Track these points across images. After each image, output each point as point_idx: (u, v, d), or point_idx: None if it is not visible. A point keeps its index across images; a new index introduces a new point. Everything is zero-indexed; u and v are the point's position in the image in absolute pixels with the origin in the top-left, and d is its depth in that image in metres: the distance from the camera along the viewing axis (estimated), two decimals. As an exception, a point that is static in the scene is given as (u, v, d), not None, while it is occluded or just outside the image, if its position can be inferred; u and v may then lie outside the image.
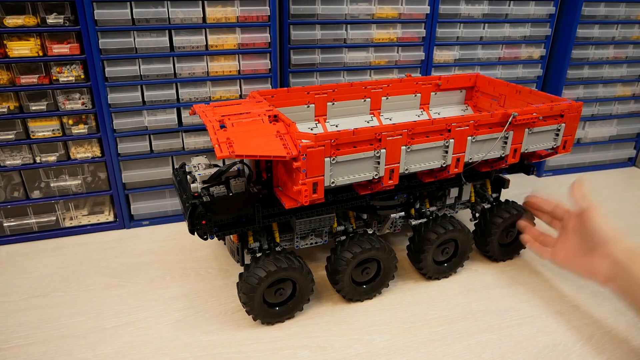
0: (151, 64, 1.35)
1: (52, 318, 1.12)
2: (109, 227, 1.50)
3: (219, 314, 1.13)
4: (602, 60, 1.83)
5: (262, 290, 1.04)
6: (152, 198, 1.52)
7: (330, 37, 1.52)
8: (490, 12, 1.65)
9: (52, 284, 1.24)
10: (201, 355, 1.02)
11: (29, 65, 1.28)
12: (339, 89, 1.35)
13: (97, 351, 1.02)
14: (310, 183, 0.96)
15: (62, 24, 1.25)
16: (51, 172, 1.42)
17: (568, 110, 1.20)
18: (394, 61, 1.62)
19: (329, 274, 1.16)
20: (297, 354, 1.02)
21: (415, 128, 1.04)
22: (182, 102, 1.41)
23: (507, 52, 1.73)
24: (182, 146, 1.47)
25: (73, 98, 1.34)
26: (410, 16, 1.56)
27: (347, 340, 1.06)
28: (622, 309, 1.15)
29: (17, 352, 1.02)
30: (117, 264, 1.32)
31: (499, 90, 1.43)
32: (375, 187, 1.08)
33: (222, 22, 1.37)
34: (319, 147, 0.94)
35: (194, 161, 1.15)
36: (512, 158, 1.19)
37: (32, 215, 1.43)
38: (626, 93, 1.92)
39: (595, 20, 1.75)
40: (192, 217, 0.99)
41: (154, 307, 1.16)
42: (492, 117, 1.11)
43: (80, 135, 1.37)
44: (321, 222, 1.14)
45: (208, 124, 0.98)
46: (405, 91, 1.44)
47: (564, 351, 1.03)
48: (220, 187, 1.04)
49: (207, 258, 1.35)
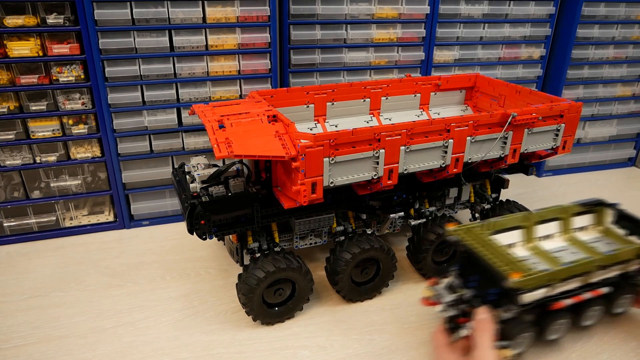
0: (151, 64, 1.35)
1: (52, 318, 1.12)
2: (109, 227, 1.51)
3: (219, 314, 1.14)
4: (602, 60, 1.83)
5: (261, 291, 1.04)
6: (152, 198, 1.52)
7: (330, 37, 1.52)
8: (490, 12, 1.65)
9: (52, 284, 1.24)
10: (201, 355, 1.02)
11: (29, 65, 1.28)
12: (338, 89, 1.35)
13: (97, 351, 1.02)
14: (309, 183, 0.96)
15: (62, 24, 1.25)
16: (51, 172, 1.42)
17: (568, 111, 1.20)
18: (394, 61, 1.62)
19: (329, 275, 1.16)
20: (297, 354, 1.02)
21: (415, 128, 1.04)
22: (182, 102, 1.41)
23: (507, 52, 1.73)
24: (182, 146, 1.47)
25: (73, 98, 1.34)
26: (410, 16, 1.56)
27: (347, 340, 1.06)
28: (621, 309, 1.16)
29: (17, 352, 1.02)
30: (117, 264, 1.33)
31: (498, 91, 1.43)
32: (374, 187, 1.08)
33: (222, 22, 1.37)
34: (318, 147, 0.94)
35: (193, 161, 1.15)
36: (512, 158, 1.19)
37: (32, 215, 1.43)
38: (626, 93, 1.92)
39: (595, 20, 1.74)
40: (191, 217, 0.99)
41: (154, 307, 1.16)
42: (492, 117, 1.11)
43: (80, 135, 1.38)
44: (320, 222, 1.14)
45: (207, 124, 0.98)
46: (405, 91, 1.44)
47: (564, 351, 1.03)
48: (219, 187, 1.04)
49: (207, 258, 1.35)
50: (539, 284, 0.87)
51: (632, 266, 1.00)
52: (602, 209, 1.11)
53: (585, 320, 1.02)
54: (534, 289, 0.86)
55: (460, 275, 0.98)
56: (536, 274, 0.86)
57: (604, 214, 1.11)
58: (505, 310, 0.89)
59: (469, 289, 0.94)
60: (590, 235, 1.10)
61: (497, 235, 1.01)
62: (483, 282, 0.92)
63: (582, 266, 0.91)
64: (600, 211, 1.11)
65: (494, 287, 0.89)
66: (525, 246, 1.04)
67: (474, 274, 0.94)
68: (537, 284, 0.86)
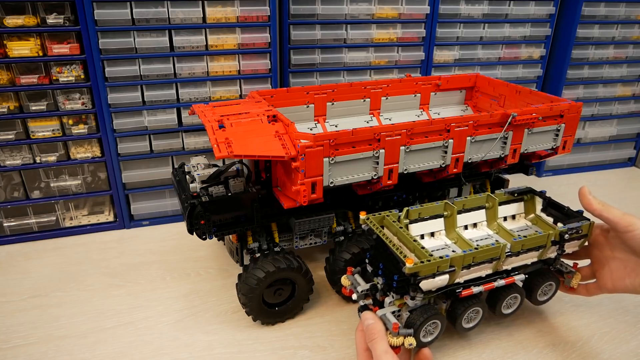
0: (151, 64, 1.35)
1: (52, 318, 1.12)
2: (109, 227, 1.51)
3: (219, 314, 1.14)
4: (602, 60, 1.83)
5: (261, 291, 1.04)
6: (152, 198, 1.52)
7: (330, 37, 1.52)
8: (490, 12, 1.65)
9: (52, 284, 1.24)
10: (201, 355, 1.02)
11: (29, 65, 1.28)
12: (338, 89, 1.35)
13: (97, 351, 1.02)
14: (309, 183, 0.96)
15: (62, 24, 1.25)
16: (51, 172, 1.42)
17: (568, 111, 1.20)
18: (394, 61, 1.62)
19: (328, 275, 1.16)
20: (297, 354, 1.02)
21: (414, 128, 1.04)
22: (182, 102, 1.41)
23: (507, 52, 1.73)
24: (182, 146, 1.47)
25: (73, 98, 1.34)
26: (410, 16, 1.56)
27: (347, 340, 1.06)
28: (622, 309, 1.16)
29: (17, 352, 1.02)
30: (117, 264, 1.33)
31: (498, 91, 1.43)
32: (374, 187, 1.08)
33: (222, 22, 1.37)
34: (318, 147, 0.94)
35: (193, 161, 1.15)
36: (512, 158, 1.19)
37: (32, 215, 1.43)
38: (626, 93, 1.92)
39: (595, 20, 1.74)
40: (191, 217, 0.99)
41: (154, 307, 1.16)
42: (492, 117, 1.11)
43: (80, 135, 1.38)
44: (320, 222, 1.14)
45: (207, 124, 0.98)
46: (405, 91, 1.44)
47: (564, 351, 1.03)
48: (219, 187, 1.04)
49: (207, 258, 1.35)
50: (437, 271, 0.84)
51: (550, 253, 0.99)
52: (533, 197, 1.10)
53: (505, 309, 1.00)
54: (434, 276, 0.84)
55: (371, 264, 0.97)
56: (430, 260, 0.83)
57: (534, 202, 1.10)
58: (411, 298, 0.88)
59: (379, 277, 0.94)
60: (519, 224, 1.09)
61: (415, 224, 0.99)
62: (388, 269, 0.91)
63: (485, 253, 0.89)
64: (531, 199, 1.10)
65: (396, 274, 0.88)
66: (448, 235, 1.02)
67: (380, 265, 0.93)
68: (434, 271, 0.84)
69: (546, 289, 1.04)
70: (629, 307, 1.16)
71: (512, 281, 0.97)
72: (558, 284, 1.04)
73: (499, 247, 0.90)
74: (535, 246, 0.95)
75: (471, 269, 0.89)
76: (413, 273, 0.83)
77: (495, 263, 0.92)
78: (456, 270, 0.86)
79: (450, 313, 0.95)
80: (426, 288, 0.86)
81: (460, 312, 0.93)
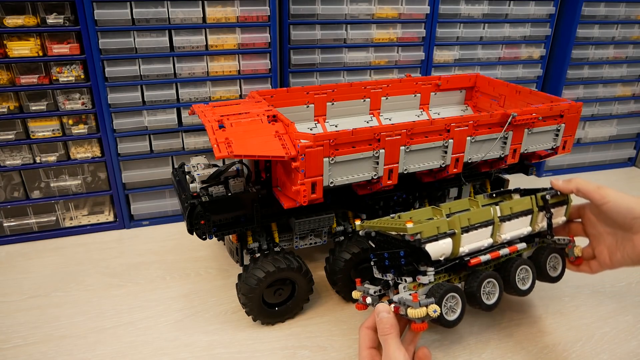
0: (151, 64, 1.35)
1: (52, 318, 1.12)
2: (109, 227, 1.51)
3: (219, 314, 1.14)
4: (602, 60, 1.83)
5: (261, 291, 1.04)
6: (152, 198, 1.52)
7: (330, 37, 1.52)
8: (490, 12, 1.65)
9: (52, 284, 1.24)
10: (201, 355, 1.02)
11: (29, 65, 1.28)
12: (338, 89, 1.35)
13: (97, 351, 1.02)
14: (309, 183, 0.96)
15: (62, 24, 1.25)
16: (51, 172, 1.42)
17: (568, 111, 1.20)
18: (394, 61, 1.62)
19: (328, 275, 1.16)
20: (297, 354, 1.02)
21: (414, 128, 1.04)
22: (182, 102, 1.41)
23: (507, 52, 1.73)
24: (182, 146, 1.47)
25: (73, 98, 1.34)
26: (410, 16, 1.56)
27: (347, 340, 1.06)
28: (622, 309, 1.16)
29: (17, 352, 1.02)
30: (117, 264, 1.33)
31: (498, 91, 1.43)
32: (374, 187, 1.08)
33: (222, 22, 1.37)
34: (318, 147, 0.94)
35: (193, 161, 1.15)
36: (512, 158, 1.19)
37: (32, 215, 1.43)
38: (626, 93, 1.92)
39: (595, 20, 1.74)
40: (191, 217, 0.99)
41: (154, 307, 1.16)
42: (492, 117, 1.11)
43: (80, 135, 1.38)
44: (320, 222, 1.14)
45: (207, 124, 0.98)
46: (405, 91, 1.45)
47: (564, 351, 1.03)
48: (219, 187, 1.04)
49: (207, 258, 1.35)
50: (438, 232, 0.86)
51: (541, 221, 1.01)
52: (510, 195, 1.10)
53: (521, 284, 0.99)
54: (437, 238, 0.86)
55: (376, 259, 0.97)
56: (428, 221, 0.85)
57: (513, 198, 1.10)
58: (423, 274, 0.89)
59: (388, 273, 0.94)
60: None
61: None
62: (393, 256, 0.92)
63: (479, 214, 0.92)
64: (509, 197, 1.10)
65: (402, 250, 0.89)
66: None
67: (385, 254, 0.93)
68: (435, 232, 0.86)
69: (553, 263, 1.04)
70: (629, 307, 1.16)
71: (515, 249, 0.98)
72: (563, 256, 1.05)
73: (489, 209, 0.94)
74: (524, 209, 0.98)
75: (470, 232, 0.91)
76: (417, 240, 0.84)
77: (494, 231, 0.94)
78: (457, 234, 0.88)
79: (468, 293, 0.94)
80: (433, 253, 0.86)
81: (476, 287, 0.93)
